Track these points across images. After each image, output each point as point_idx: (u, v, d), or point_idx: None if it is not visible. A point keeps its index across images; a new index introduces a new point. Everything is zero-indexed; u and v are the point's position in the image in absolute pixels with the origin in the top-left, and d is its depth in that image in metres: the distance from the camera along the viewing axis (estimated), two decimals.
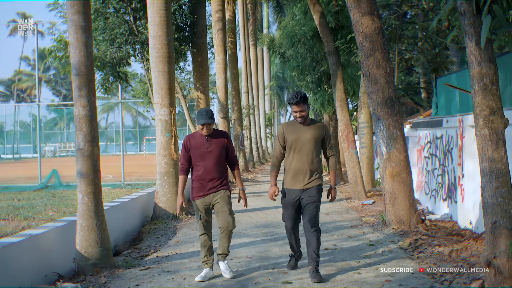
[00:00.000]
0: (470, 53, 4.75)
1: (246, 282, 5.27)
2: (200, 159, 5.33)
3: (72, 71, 5.83)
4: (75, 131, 5.86)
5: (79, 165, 5.80)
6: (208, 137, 5.35)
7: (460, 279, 5.17)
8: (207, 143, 5.34)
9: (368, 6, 7.64)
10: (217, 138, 5.40)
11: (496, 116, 4.70)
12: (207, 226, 5.48)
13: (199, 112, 5.36)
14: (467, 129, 7.75)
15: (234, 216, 5.43)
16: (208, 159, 5.32)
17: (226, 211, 5.33)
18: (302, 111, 5.24)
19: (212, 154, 5.33)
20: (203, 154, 5.32)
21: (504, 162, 4.70)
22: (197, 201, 5.39)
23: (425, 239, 6.99)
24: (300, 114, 5.25)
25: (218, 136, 5.42)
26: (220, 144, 5.38)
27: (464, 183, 7.84)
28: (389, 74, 7.66)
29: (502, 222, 4.63)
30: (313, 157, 5.30)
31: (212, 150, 5.33)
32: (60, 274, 5.73)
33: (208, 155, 5.32)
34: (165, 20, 9.09)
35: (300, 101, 5.18)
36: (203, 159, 5.32)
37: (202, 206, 5.39)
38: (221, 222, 5.36)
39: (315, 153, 5.32)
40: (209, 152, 5.32)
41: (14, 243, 5.15)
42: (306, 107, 5.26)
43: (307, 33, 15.28)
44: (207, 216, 5.45)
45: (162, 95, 9.23)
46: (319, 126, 5.41)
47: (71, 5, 5.77)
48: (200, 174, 5.35)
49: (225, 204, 5.35)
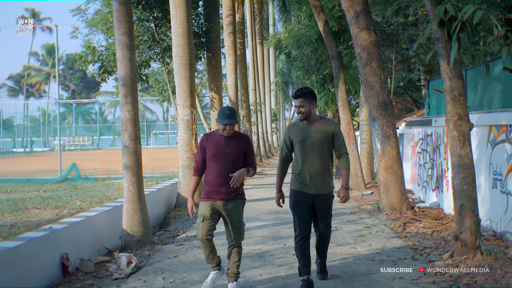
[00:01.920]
0: (443, 71, 5.96)
1: (264, 254, 6.51)
2: (214, 159, 4.88)
3: (119, 81, 7.07)
4: (121, 131, 7.12)
5: (125, 159, 7.07)
6: (227, 138, 4.91)
7: (436, 251, 6.41)
8: (225, 143, 4.89)
9: (365, 22, 8.83)
10: (236, 140, 4.94)
11: (463, 121, 5.91)
12: (210, 231, 4.91)
13: (222, 111, 4.89)
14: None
15: (244, 229, 5.03)
16: (223, 161, 4.85)
17: (237, 223, 4.91)
18: (302, 107, 4.89)
19: (228, 156, 4.86)
20: (218, 155, 4.87)
21: (469, 158, 5.92)
22: (206, 203, 4.91)
23: (412, 222, 8.23)
24: (299, 109, 4.91)
25: (238, 138, 4.97)
26: (239, 147, 4.91)
27: (449, 175, 9.05)
28: (384, 81, 8.87)
29: (467, 205, 5.86)
30: (323, 159, 4.95)
31: (229, 152, 4.86)
32: (109, 248, 7.00)
33: (223, 157, 4.85)
34: (186, 31, 10.30)
35: (300, 95, 4.90)
36: (218, 161, 4.86)
37: (210, 208, 4.89)
38: (230, 235, 4.93)
39: (325, 153, 4.96)
40: (226, 154, 4.86)
41: (77, 222, 6.41)
42: (307, 103, 4.89)
43: (312, 36, 16.45)
44: (213, 220, 4.91)
45: (184, 97, 10.45)
46: (327, 123, 5.01)
47: (118, 27, 6.99)
48: (213, 177, 4.88)
49: (237, 217, 4.91)
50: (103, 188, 15.34)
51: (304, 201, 4.96)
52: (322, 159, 4.95)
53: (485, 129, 7.62)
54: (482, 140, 7.78)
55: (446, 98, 5.99)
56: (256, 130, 26.93)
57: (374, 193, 12.10)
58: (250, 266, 5.91)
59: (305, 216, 4.97)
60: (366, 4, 8.93)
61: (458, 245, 5.89)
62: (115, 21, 7.01)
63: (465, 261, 5.66)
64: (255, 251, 6.68)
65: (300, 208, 4.96)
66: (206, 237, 4.87)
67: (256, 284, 5.27)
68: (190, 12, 10.37)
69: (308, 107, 4.90)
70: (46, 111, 65.31)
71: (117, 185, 15.98)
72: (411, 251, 6.53)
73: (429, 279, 5.28)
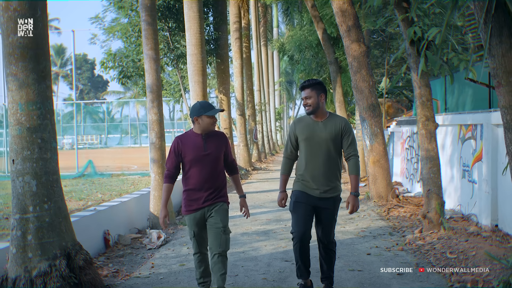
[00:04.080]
0: (414, 81, 7.30)
1: (268, 232, 7.88)
2: (196, 163, 4.39)
3: (146, 89, 8.46)
4: (149, 131, 8.51)
5: (152, 154, 8.47)
6: (205, 137, 4.43)
7: (410, 229, 7.76)
8: (204, 144, 4.41)
9: (356, 35, 10.16)
10: (215, 138, 4.48)
11: (430, 122, 7.25)
12: (202, 244, 4.58)
13: (204, 103, 4.45)
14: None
15: (229, 235, 4.49)
16: (205, 164, 4.38)
17: (220, 228, 4.37)
18: (308, 98, 4.45)
19: (210, 157, 4.40)
20: (199, 157, 4.38)
21: (435, 151, 7.27)
22: (189, 216, 4.48)
23: (396, 208, 9.58)
24: (306, 101, 4.47)
25: (215, 136, 4.51)
26: (219, 146, 4.47)
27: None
28: (372, 86, 10.20)
29: (433, 190, 7.21)
30: (331, 159, 4.48)
31: (210, 153, 4.41)
32: (138, 228, 8.38)
33: (206, 159, 4.38)
34: (200, 41, 11.67)
35: (307, 85, 4.48)
36: (200, 164, 4.38)
37: (195, 222, 4.46)
38: (212, 242, 4.38)
39: (333, 153, 4.49)
40: (207, 155, 4.39)
41: (114, 205, 7.79)
42: (315, 95, 4.44)
43: (312, 41, 17.83)
44: (202, 232, 4.52)
45: (197, 99, 11.83)
46: (337, 121, 4.54)
47: (146, 43, 8.37)
48: (195, 183, 4.39)
49: (220, 220, 4.39)
50: (119, 183, 16.68)
51: (305, 202, 4.49)
52: (329, 159, 4.48)
53: (456, 128, 8.96)
54: (454, 137, 9.12)
55: (416, 103, 7.34)
56: (261, 129, 28.33)
57: (367, 186, 13.43)
58: (257, 240, 7.28)
59: (305, 218, 4.47)
60: (357, 19, 10.26)
61: (426, 222, 7.25)
62: (143, 38, 8.39)
63: (431, 235, 7.01)
64: (261, 230, 8.04)
65: (300, 209, 4.49)
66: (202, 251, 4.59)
67: (262, 251, 6.64)
68: (202, 25, 11.74)
69: (315, 99, 4.45)
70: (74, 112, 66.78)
71: (131, 180, 17.37)
72: (390, 229, 7.88)
73: (399, 247, 6.64)
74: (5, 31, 4.52)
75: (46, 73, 4.65)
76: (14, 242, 4.52)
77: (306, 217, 4.49)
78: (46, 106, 4.61)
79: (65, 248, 4.64)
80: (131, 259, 6.58)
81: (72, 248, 4.70)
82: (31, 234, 4.50)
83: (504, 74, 4.00)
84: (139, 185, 15.63)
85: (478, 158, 7.96)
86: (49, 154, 4.65)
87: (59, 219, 4.68)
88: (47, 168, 4.62)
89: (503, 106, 4.08)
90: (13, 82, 4.52)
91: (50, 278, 4.41)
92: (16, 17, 4.48)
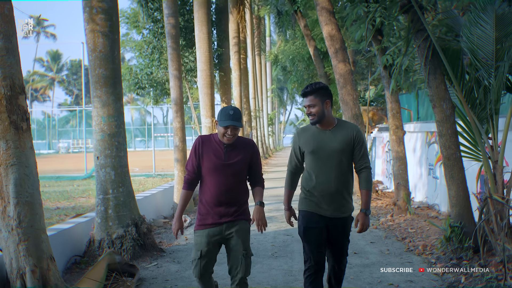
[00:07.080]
0: (387, 97, 9.29)
1: (270, 217, 9.78)
2: (213, 172, 3.90)
3: (171, 101, 10.37)
4: (173, 136, 10.42)
5: (176, 155, 10.39)
6: (227, 145, 3.92)
7: (384, 215, 9.71)
8: (225, 153, 3.92)
9: (342, 56, 12.13)
10: (240, 148, 3.98)
11: (399, 129, 9.24)
12: (209, 269, 4.01)
13: (224, 110, 3.88)
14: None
15: (251, 259, 4.00)
16: (224, 175, 3.89)
17: (242, 252, 3.91)
18: (312, 106, 3.91)
19: (231, 168, 3.91)
20: (218, 166, 3.90)
21: (403, 153, 9.25)
22: (202, 232, 3.93)
23: (375, 200, 11.55)
24: (309, 110, 3.92)
25: (242, 145, 4.00)
26: (243, 156, 3.96)
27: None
28: (355, 99, 12.17)
29: (401, 183, 9.19)
30: (342, 173, 3.93)
31: (232, 164, 3.92)
32: (165, 216, 10.26)
33: (225, 169, 3.90)
34: (208, 59, 13.55)
35: (309, 92, 3.94)
36: (218, 174, 3.89)
37: (207, 240, 3.91)
38: (232, 266, 3.94)
39: (345, 166, 3.94)
40: (228, 166, 3.91)
41: (146, 196, 9.66)
42: (319, 102, 3.89)
43: (304, 55, 19.81)
44: (212, 252, 3.98)
45: (206, 109, 13.70)
46: (348, 129, 3.99)
47: (171, 65, 10.28)
48: (212, 195, 3.90)
49: (242, 243, 3.93)
50: None
51: (317, 226, 3.96)
52: (342, 174, 3.93)
53: (424, 134, 10.96)
54: (423, 142, 11.12)
55: (388, 114, 9.33)
56: (256, 134, 30.32)
57: None
58: None
59: (319, 245, 3.98)
60: (343, 43, 12.22)
61: (395, 209, 9.22)
62: (169, 61, 10.32)
63: (399, 218, 8.98)
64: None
65: (312, 235, 3.97)
66: (204, 276, 4.00)
67: (268, 229, 8.55)
68: (211, 45, 13.64)
69: (320, 107, 3.90)
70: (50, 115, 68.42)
71: (138, 181, 19.15)
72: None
73: (374, 226, 8.60)
74: (92, 66, 6.43)
75: (121, 96, 6.56)
76: (99, 214, 6.41)
77: (321, 243, 3.99)
78: (120, 119, 6.51)
79: (133, 219, 6.55)
80: (167, 235, 8.48)
81: (138, 219, 6.62)
82: (111, 209, 6.40)
83: (437, 100, 5.97)
84: (146, 185, 17.43)
85: (439, 158, 9.96)
86: (123, 152, 6.56)
87: (129, 199, 6.59)
88: (121, 163, 6.53)
89: (437, 121, 6.06)
90: (98, 102, 6.43)
91: (125, 239, 6.30)
92: (101, 57, 6.39)
